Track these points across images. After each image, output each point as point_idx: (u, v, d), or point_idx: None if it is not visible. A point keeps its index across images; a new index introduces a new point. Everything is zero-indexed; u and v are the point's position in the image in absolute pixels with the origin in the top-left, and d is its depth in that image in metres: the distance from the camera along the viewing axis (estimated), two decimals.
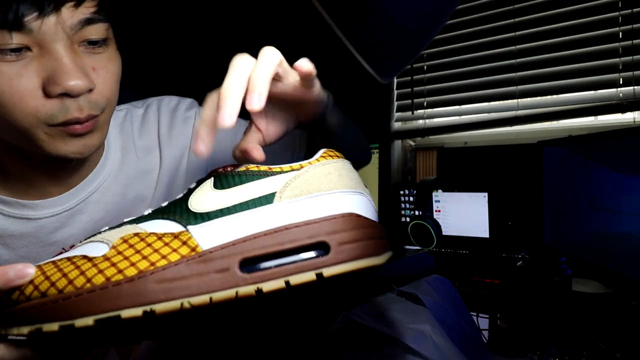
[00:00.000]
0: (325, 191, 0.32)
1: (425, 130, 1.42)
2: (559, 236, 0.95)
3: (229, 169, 0.34)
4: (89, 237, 0.33)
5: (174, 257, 0.29)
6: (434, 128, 1.41)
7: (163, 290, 0.28)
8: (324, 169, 0.33)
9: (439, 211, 1.22)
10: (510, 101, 1.25)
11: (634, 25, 1.06)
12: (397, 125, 1.49)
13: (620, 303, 0.78)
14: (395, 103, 1.49)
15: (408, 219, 1.29)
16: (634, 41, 1.06)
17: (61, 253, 0.33)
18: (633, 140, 0.71)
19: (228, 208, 0.31)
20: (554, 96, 1.19)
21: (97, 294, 0.27)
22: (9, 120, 0.42)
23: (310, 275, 0.29)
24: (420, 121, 1.44)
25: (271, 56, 0.39)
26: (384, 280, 0.60)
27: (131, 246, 0.30)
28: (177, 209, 0.32)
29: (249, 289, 0.29)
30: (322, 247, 0.30)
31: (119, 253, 0.29)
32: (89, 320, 0.27)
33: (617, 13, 1.08)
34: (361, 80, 1.51)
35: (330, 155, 0.35)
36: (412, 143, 1.49)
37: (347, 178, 0.34)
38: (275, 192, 0.31)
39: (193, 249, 0.29)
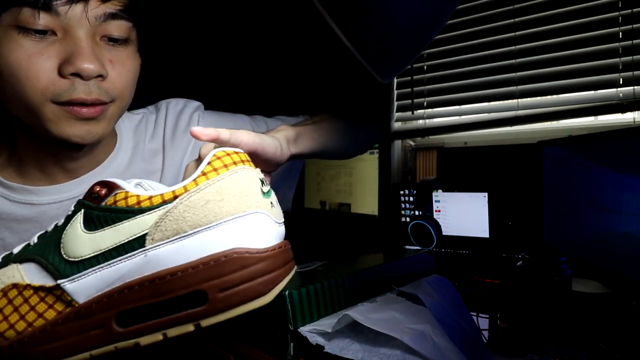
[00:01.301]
0: (204, 226, 0.29)
1: (425, 130, 1.42)
2: (559, 236, 0.95)
3: (99, 195, 0.30)
4: None
5: (50, 314, 0.29)
6: (434, 128, 1.41)
7: (43, 354, 0.28)
8: (201, 196, 0.29)
9: (439, 211, 1.22)
10: (510, 101, 1.25)
11: (634, 25, 1.06)
12: (397, 125, 1.49)
13: (620, 303, 0.78)
14: (395, 103, 1.49)
15: (408, 219, 1.29)
16: (634, 41, 1.06)
17: None
18: (633, 140, 0.71)
19: (102, 254, 0.29)
20: (554, 96, 1.18)
21: None
22: (19, 94, 0.44)
23: (187, 327, 0.29)
24: (420, 121, 1.44)
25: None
26: (384, 280, 0.60)
27: (10, 302, 0.29)
28: (50, 252, 0.30)
29: (128, 343, 0.29)
30: (199, 297, 0.28)
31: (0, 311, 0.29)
32: None
33: (617, 13, 1.08)
34: (361, 80, 1.51)
35: (214, 170, 0.30)
36: (412, 143, 1.49)
37: (232, 200, 0.30)
38: (147, 233, 0.29)
39: (68, 304, 0.29)
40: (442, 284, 0.64)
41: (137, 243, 0.29)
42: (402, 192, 1.32)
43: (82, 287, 0.29)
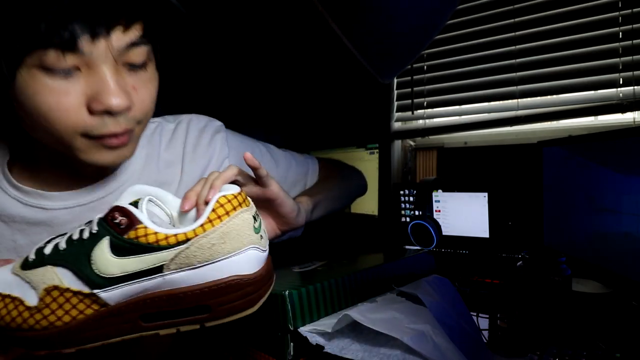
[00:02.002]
0: (210, 261, 0.38)
1: (425, 130, 1.42)
2: (559, 236, 0.95)
3: (121, 223, 0.37)
4: (17, 262, 0.40)
5: (89, 311, 0.38)
6: (434, 128, 1.41)
7: (86, 338, 0.39)
8: (207, 240, 0.37)
9: (439, 211, 1.22)
10: (510, 101, 1.25)
11: (634, 25, 1.06)
12: (397, 125, 1.49)
13: (620, 303, 0.78)
14: (395, 103, 1.49)
15: (408, 219, 1.29)
16: (634, 41, 1.06)
17: None
18: (633, 140, 0.71)
19: (128, 275, 0.37)
20: (554, 96, 1.19)
21: (39, 334, 0.38)
22: (50, 130, 0.45)
23: (195, 326, 0.39)
24: (420, 121, 1.44)
25: (227, 172, 0.51)
26: (384, 280, 0.60)
27: (54, 299, 0.38)
28: (83, 265, 0.38)
29: (150, 333, 0.39)
30: (205, 307, 0.39)
31: (46, 306, 0.38)
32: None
33: (617, 13, 1.08)
34: (361, 80, 1.51)
35: (218, 217, 0.38)
36: (412, 143, 1.49)
37: (232, 242, 0.38)
38: (164, 265, 0.37)
39: (103, 305, 0.38)
40: (442, 284, 0.64)
41: (157, 270, 0.37)
42: (402, 192, 1.32)
43: (113, 296, 0.38)
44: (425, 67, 1.41)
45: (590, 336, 0.67)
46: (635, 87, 1.06)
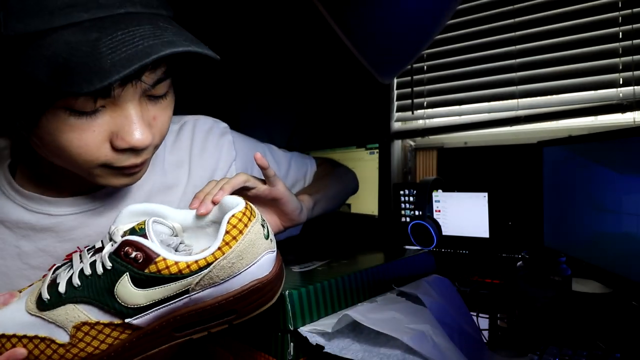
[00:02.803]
0: (231, 276, 0.41)
1: (425, 130, 1.42)
2: (559, 236, 0.95)
3: (137, 259, 0.39)
4: (29, 302, 0.41)
5: (124, 336, 0.40)
6: (433, 128, 1.41)
7: (127, 357, 0.41)
8: (227, 261, 0.40)
9: (439, 211, 1.22)
10: (510, 101, 1.25)
11: (634, 26, 1.06)
12: (397, 125, 1.49)
13: (620, 303, 0.78)
14: (395, 103, 1.49)
15: (408, 219, 1.29)
16: (634, 41, 1.06)
17: (75, 252, 0.45)
18: (633, 140, 0.71)
19: (155, 302, 0.39)
20: (554, 96, 1.19)
21: None
22: (71, 162, 0.45)
23: (224, 325, 0.43)
24: (420, 121, 1.44)
25: (236, 179, 0.52)
26: (384, 280, 0.60)
27: (86, 334, 0.39)
28: (108, 299, 0.39)
29: (184, 339, 0.43)
30: (231, 311, 0.42)
31: (80, 340, 0.39)
32: None
33: (617, 13, 1.08)
34: (361, 80, 1.51)
35: (234, 238, 0.40)
36: (412, 143, 1.49)
37: (248, 255, 0.41)
38: (189, 288, 0.40)
39: (136, 329, 0.40)
40: (442, 284, 0.64)
41: (183, 293, 0.40)
42: (402, 192, 1.32)
43: (145, 321, 0.40)
44: (425, 67, 1.41)
45: (590, 336, 0.67)
46: (635, 87, 1.06)
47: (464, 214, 1.18)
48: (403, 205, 1.31)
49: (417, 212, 0.93)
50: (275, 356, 0.48)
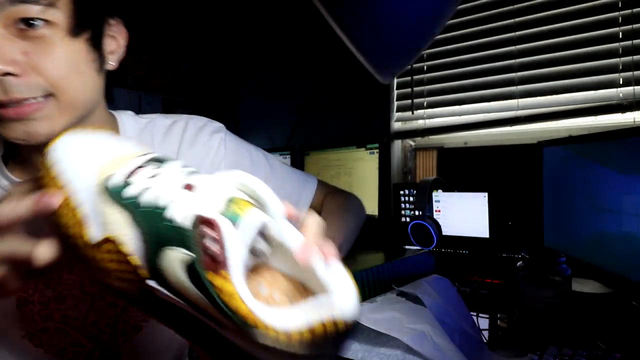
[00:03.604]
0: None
1: (425, 130, 1.42)
2: (559, 236, 0.95)
3: (205, 248, 0.27)
4: (106, 173, 0.33)
5: (127, 286, 0.32)
6: (434, 128, 1.41)
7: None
8: None
9: (439, 211, 1.22)
10: (510, 101, 1.25)
11: (634, 26, 1.06)
12: (397, 125, 1.49)
13: (620, 303, 0.78)
14: (395, 103, 1.49)
15: (408, 219, 1.29)
16: (634, 41, 1.06)
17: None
18: (633, 140, 0.71)
19: (188, 299, 0.29)
20: (554, 96, 1.19)
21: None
22: None
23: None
24: (420, 121, 1.44)
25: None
26: (384, 280, 0.60)
27: (108, 252, 0.32)
28: (151, 252, 0.29)
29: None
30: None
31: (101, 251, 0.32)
32: None
33: (617, 13, 1.08)
34: (361, 80, 1.51)
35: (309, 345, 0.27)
36: (412, 143, 1.49)
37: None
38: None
39: (147, 294, 0.30)
40: (442, 284, 0.64)
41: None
42: (402, 192, 1.32)
43: (161, 294, 0.30)
44: (425, 67, 1.41)
45: (590, 336, 0.67)
46: (635, 87, 1.06)
47: (464, 214, 1.18)
48: (403, 205, 1.31)
49: (417, 212, 0.93)
50: None
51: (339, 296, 0.26)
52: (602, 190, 0.79)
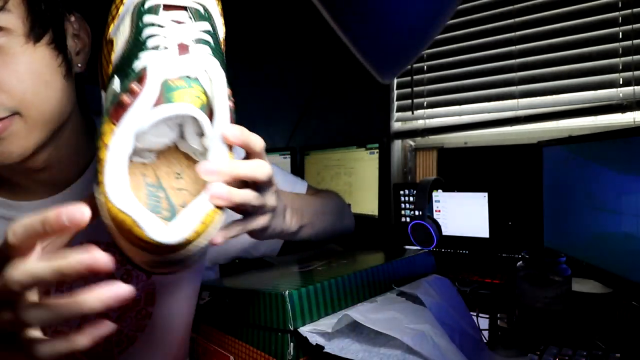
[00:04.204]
0: None
1: (425, 130, 1.42)
2: (559, 236, 0.95)
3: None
4: None
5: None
6: (434, 128, 1.41)
7: None
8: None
9: (439, 211, 1.22)
10: (510, 101, 1.25)
11: (634, 26, 1.06)
12: (397, 125, 1.49)
13: (620, 303, 0.78)
14: (395, 103, 1.49)
15: (408, 219, 1.29)
16: (634, 41, 1.06)
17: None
18: (633, 140, 0.71)
19: None
20: (554, 96, 1.19)
21: None
22: None
23: None
24: (420, 121, 1.44)
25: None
26: (384, 280, 0.60)
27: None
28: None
29: None
30: None
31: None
32: None
33: (617, 13, 1.08)
34: (362, 80, 1.51)
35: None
36: (412, 143, 1.49)
37: None
38: None
39: None
40: (442, 284, 0.64)
41: None
42: (402, 192, 1.32)
43: None
44: (425, 67, 1.41)
45: (590, 336, 0.67)
46: (635, 87, 1.06)
47: (464, 214, 1.18)
48: (403, 205, 1.31)
49: (417, 212, 0.93)
50: (275, 356, 0.48)
51: (151, 220, 0.30)
52: (602, 190, 0.79)
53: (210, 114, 0.35)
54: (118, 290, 0.28)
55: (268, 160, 0.40)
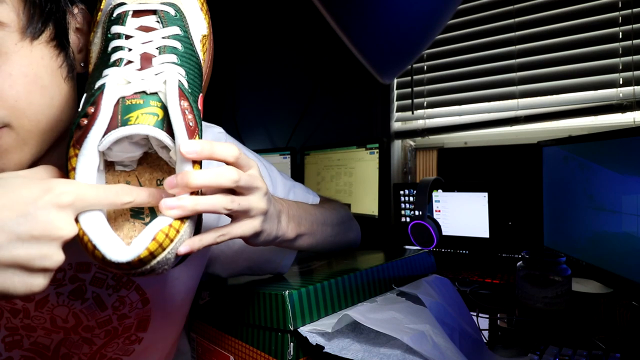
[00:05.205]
0: None
1: (425, 130, 1.42)
2: (559, 236, 0.95)
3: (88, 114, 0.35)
4: None
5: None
6: (434, 128, 1.41)
7: None
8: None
9: (439, 211, 1.22)
10: (510, 101, 1.25)
11: (634, 26, 1.06)
12: (397, 125, 1.49)
13: (620, 303, 0.78)
14: (395, 103, 1.49)
15: (408, 219, 1.29)
16: (634, 41, 1.06)
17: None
18: (633, 140, 0.71)
19: None
20: (554, 96, 1.19)
21: None
22: None
23: None
24: (420, 121, 1.44)
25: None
26: (384, 280, 0.60)
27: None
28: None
29: None
30: None
31: None
32: None
33: (617, 13, 1.08)
34: (361, 80, 1.51)
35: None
36: (412, 143, 1.49)
37: None
38: None
39: None
40: (442, 284, 0.64)
41: None
42: (402, 192, 1.32)
43: None
44: (425, 67, 1.41)
45: (590, 336, 0.67)
46: (635, 87, 1.06)
47: (464, 214, 1.18)
48: (403, 205, 1.31)
49: (417, 212, 0.93)
50: (275, 356, 0.48)
51: (108, 240, 0.32)
52: (602, 190, 0.79)
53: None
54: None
55: (255, 166, 0.41)
